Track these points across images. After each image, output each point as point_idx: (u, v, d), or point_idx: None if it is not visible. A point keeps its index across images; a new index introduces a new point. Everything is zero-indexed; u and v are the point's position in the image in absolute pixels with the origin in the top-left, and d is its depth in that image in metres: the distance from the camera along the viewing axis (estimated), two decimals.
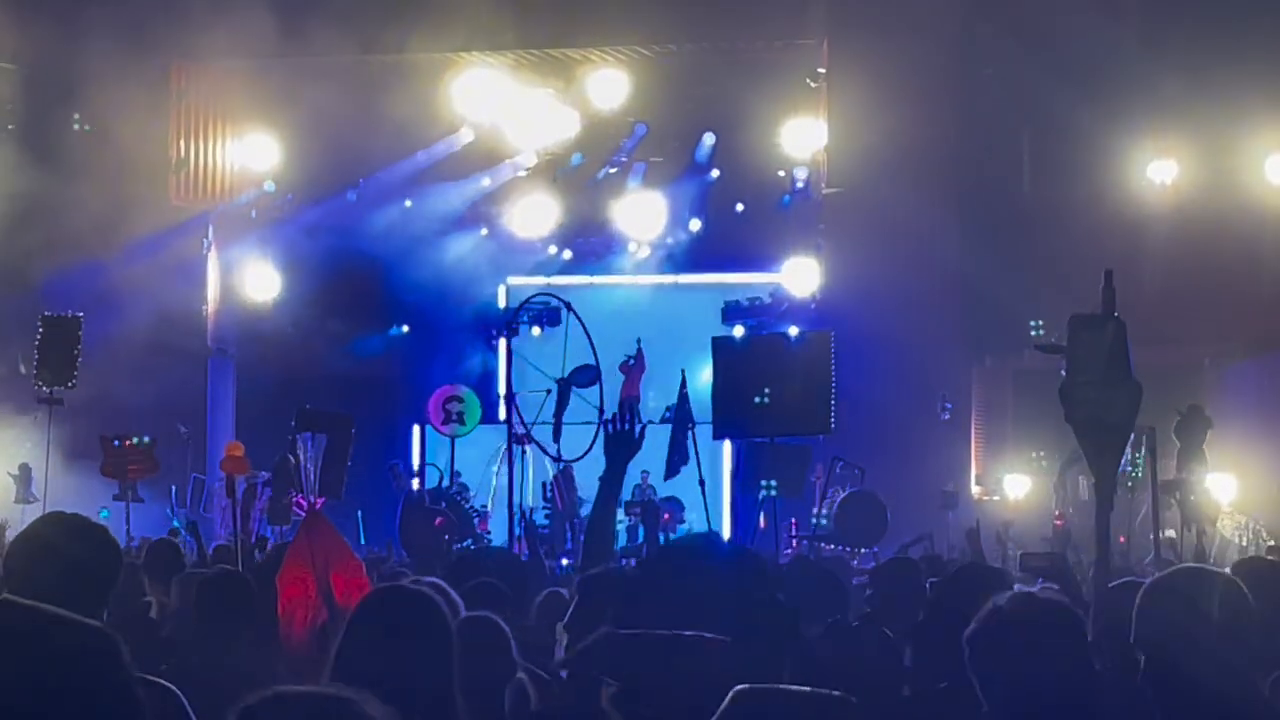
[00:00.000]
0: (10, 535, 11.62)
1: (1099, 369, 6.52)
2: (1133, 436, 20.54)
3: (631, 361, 26.21)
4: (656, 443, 21.76)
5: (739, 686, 2.38)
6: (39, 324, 21.46)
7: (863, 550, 18.74)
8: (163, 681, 5.37)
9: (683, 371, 19.12)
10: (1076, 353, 6.60)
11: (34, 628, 2.48)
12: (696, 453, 19.07)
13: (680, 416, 18.77)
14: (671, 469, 19.09)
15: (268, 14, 24.31)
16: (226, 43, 24.56)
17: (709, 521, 18.59)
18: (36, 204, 25.33)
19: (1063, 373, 6.76)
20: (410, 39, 25.10)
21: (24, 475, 22.01)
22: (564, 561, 19.33)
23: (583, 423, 18.74)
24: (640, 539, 19.39)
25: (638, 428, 7.23)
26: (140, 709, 2.48)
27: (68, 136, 25.02)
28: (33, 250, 24.45)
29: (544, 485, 23.09)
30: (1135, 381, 6.53)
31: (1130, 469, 21.49)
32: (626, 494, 24.71)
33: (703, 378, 16.85)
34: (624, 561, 13.66)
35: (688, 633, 3.24)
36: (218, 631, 7.96)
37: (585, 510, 21.12)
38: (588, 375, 21.25)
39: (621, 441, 7.16)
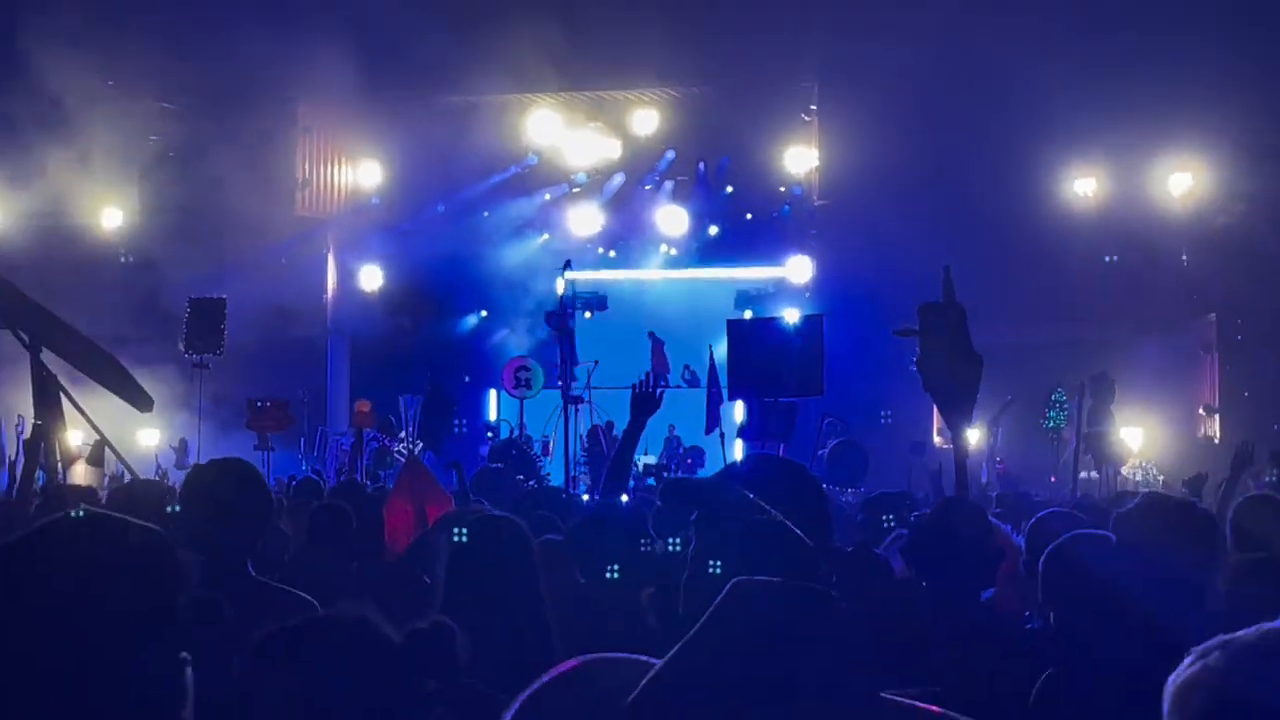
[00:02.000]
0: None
1: (946, 346, 6.50)
2: (1062, 394, 20.68)
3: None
4: (684, 403, 21.95)
5: (739, 578, 2.34)
6: (187, 307, 21.77)
7: (849, 489, 18.75)
8: (296, 591, 5.37)
9: (710, 347, 19.09)
10: (928, 334, 6.59)
11: (103, 530, 2.52)
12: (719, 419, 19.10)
13: (714, 383, 18.78)
14: (711, 424, 19.12)
15: (374, 63, 24.42)
16: (341, 86, 24.63)
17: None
18: (192, 215, 25.54)
19: (916, 353, 6.76)
20: (487, 83, 25.14)
21: (183, 448, 22.15)
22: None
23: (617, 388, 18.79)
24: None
25: (659, 391, 7.55)
26: (174, 590, 2.51)
27: (216, 161, 25.11)
28: (189, 252, 24.63)
29: (582, 437, 22.82)
30: (977, 355, 6.51)
31: (1049, 423, 21.62)
32: (657, 446, 24.76)
33: (719, 351, 16.87)
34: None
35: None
36: (326, 550, 8.01)
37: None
38: (556, 321, 21.42)
39: (645, 400, 7.43)
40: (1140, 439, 23.31)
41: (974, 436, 23.99)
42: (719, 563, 3.39)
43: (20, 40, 22.69)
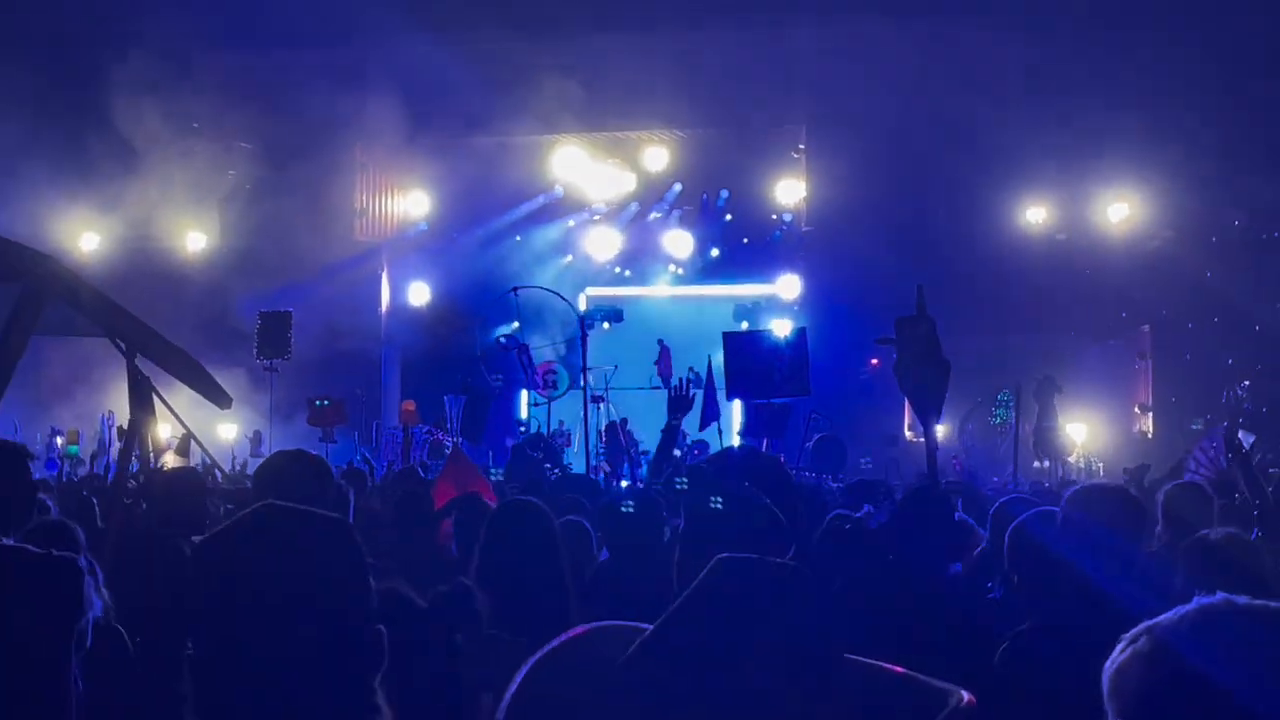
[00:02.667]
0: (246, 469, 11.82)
1: (919, 353, 6.53)
2: (1008, 394, 20.72)
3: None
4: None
5: (721, 555, 2.36)
6: (258, 318, 21.92)
7: (829, 476, 18.76)
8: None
9: (709, 357, 19.12)
10: (903, 343, 6.63)
11: (297, 519, 2.48)
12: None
13: (710, 386, 18.77)
14: (705, 422, 19.11)
15: (420, 108, 24.54)
16: (393, 128, 24.74)
17: None
18: (263, 240, 25.58)
19: (893, 356, 6.79)
20: (518, 125, 25.20)
21: (256, 439, 22.23)
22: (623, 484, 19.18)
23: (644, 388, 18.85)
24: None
25: (691, 393, 7.96)
26: (365, 570, 2.48)
27: (285, 193, 25.20)
28: (261, 272, 24.71)
29: (599, 432, 22.69)
30: (945, 360, 6.55)
31: (996, 419, 21.73)
32: None
33: (717, 360, 16.90)
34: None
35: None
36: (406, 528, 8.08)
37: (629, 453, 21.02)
38: (512, 342, 21.47)
39: (680, 401, 7.78)
40: (1084, 434, 23.45)
41: (941, 431, 24.01)
42: (722, 538, 3.44)
43: (120, 89, 22.86)
